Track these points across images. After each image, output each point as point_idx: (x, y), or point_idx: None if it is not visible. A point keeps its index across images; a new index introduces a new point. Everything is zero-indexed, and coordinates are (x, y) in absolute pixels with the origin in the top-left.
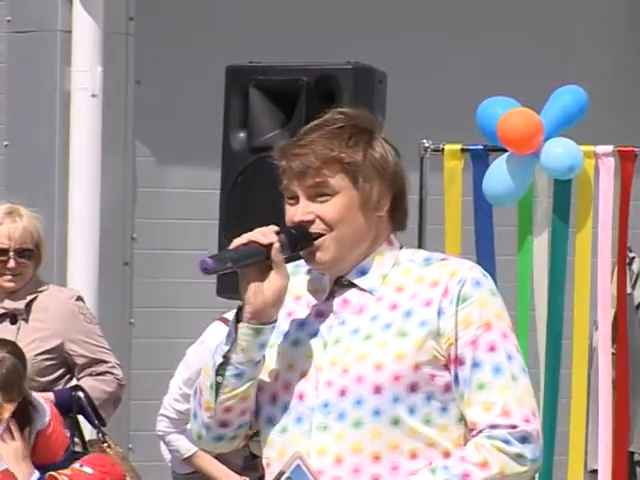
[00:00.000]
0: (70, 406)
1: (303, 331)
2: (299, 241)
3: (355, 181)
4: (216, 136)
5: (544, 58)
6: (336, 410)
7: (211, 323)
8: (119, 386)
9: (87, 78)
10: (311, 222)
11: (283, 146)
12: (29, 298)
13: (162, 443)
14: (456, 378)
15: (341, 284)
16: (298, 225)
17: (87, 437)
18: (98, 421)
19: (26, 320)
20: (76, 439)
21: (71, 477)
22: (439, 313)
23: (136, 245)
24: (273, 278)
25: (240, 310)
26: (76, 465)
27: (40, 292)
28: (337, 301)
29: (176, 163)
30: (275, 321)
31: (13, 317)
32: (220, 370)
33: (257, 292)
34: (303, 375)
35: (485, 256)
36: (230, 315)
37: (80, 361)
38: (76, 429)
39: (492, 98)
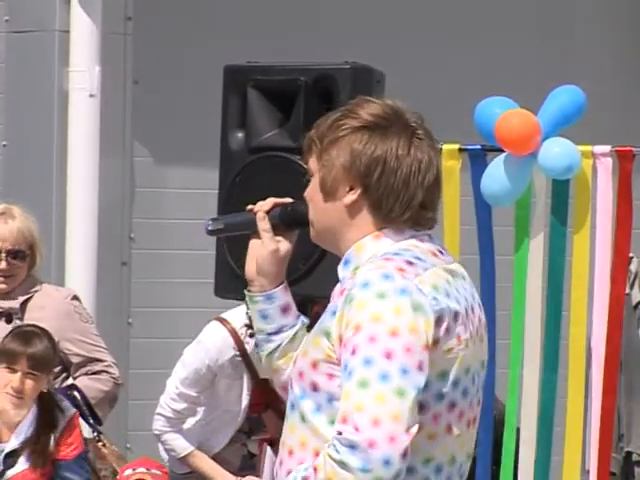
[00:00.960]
0: None
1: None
2: (291, 219)
3: (318, 165)
4: (214, 136)
5: (542, 58)
6: (289, 401)
7: (209, 323)
8: (115, 385)
9: (85, 78)
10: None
11: None
12: (24, 297)
13: (159, 443)
14: None
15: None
16: (302, 202)
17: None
18: (94, 420)
19: (21, 319)
20: None
21: (154, 478)
22: (332, 313)
23: (134, 245)
24: (260, 247)
25: None
26: (142, 469)
27: (36, 291)
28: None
29: (174, 163)
30: (268, 291)
31: (9, 316)
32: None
33: (250, 260)
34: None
35: (486, 256)
36: (227, 314)
37: (76, 360)
38: None
39: (490, 98)
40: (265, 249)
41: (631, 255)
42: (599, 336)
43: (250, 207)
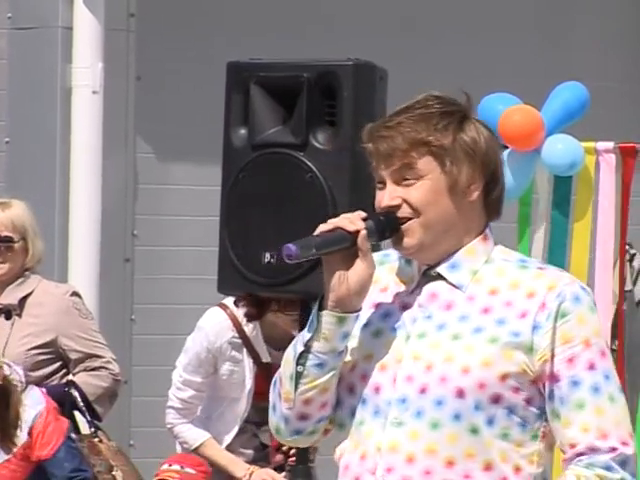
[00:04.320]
0: (63, 402)
1: (385, 322)
2: (387, 228)
3: (443, 164)
4: (217, 133)
5: (545, 54)
6: (414, 407)
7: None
8: (114, 381)
9: (88, 75)
10: (398, 207)
11: (370, 128)
12: (23, 294)
13: (174, 437)
14: (550, 395)
15: (429, 276)
16: (386, 211)
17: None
18: (92, 416)
19: (20, 315)
20: (74, 435)
21: (181, 478)
22: (534, 327)
23: (137, 241)
24: (359, 266)
25: (322, 298)
26: (177, 467)
27: (35, 287)
28: (424, 293)
29: (177, 160)
30: (359, 310)
31: (8, 313)
32: (301, 359)
33: (342, 280)
34: (381, 367)
35: None
36: (227, 300)
37: (74, 356)
38: (72, 425)
39: (493, 94)
40: (370, 268)
41: (634, 252)
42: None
43: (329, 227)
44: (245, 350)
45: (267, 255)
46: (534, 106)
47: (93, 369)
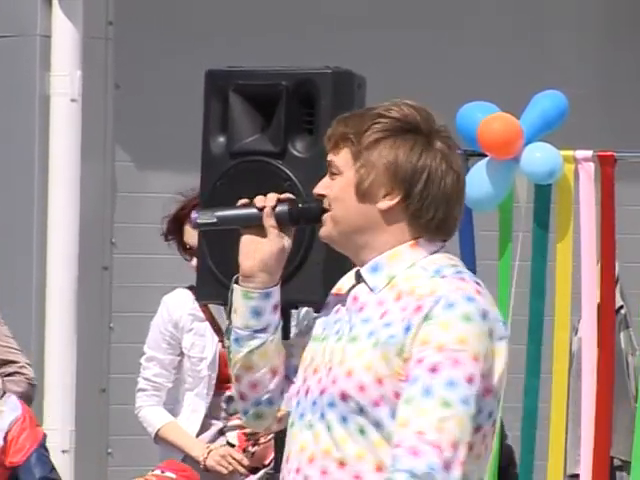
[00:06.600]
0: None
1: (328, 326)
2: (303, 215)
3: (355, 163)
4: (196, 141)
5: (524, 63)
6: (319, 409)
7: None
8: (29, 385)
9: (66, 83)
10: (325, 196)
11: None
12: None
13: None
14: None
15: (358, 278)
16: (314, 199)
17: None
18: None
19: None
20: None
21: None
22: (407, 329)
23: (115, 250)
24: (264, 243)
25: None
26: (157, 471)
27: None
28: (350, 297)
29: (155, 167)
30: (268, 289)
31: None
32: (227, 333)
33: (247, 255)
34: (314, 370)
35: (467, 262)
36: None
37: None
38: None
39: (472, 103)
40: (274, 246)
41: None
42: (589, 340)
43: (245, 201)
44: (210, 327)
45: None
46: (513, 114)
47: (8, 375)
